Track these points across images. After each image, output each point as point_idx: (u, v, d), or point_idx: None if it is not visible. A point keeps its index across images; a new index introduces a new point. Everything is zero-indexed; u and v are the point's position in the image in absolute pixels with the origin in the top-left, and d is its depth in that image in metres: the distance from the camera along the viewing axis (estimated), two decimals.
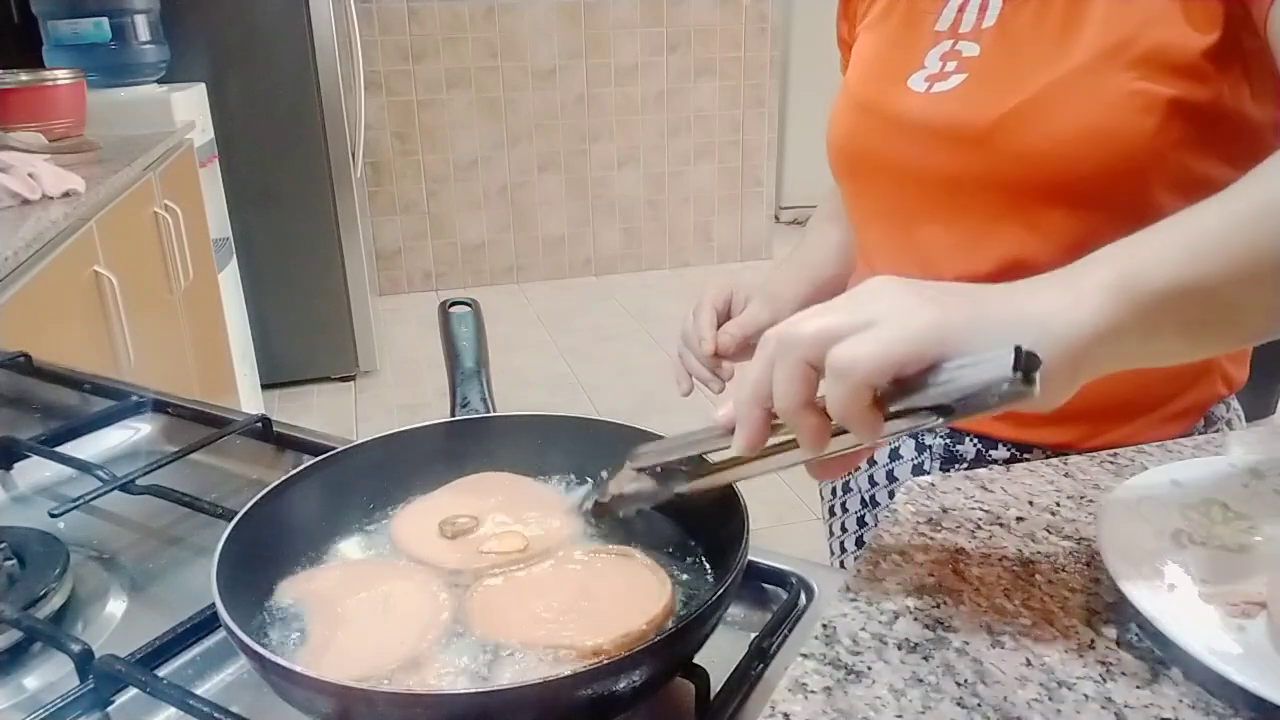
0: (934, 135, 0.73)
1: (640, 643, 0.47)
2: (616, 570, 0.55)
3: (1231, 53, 0.64)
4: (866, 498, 0.90)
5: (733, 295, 0.92)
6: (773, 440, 0.47)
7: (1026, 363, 0.39)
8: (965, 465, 0.81)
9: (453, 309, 0.76)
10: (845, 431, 0.44)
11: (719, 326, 0.89)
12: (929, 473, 0.83)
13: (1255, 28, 0.63)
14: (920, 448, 0.83)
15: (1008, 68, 0.71)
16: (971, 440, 0.80)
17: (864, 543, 0.92)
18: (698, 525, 0.59)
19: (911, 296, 0.44)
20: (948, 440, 0.81)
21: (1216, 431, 0.80)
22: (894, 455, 0.86)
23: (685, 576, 0.56)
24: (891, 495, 0.87)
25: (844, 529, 0.95)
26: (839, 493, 0.95)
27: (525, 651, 0.49)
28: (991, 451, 0.80)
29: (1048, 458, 0.77)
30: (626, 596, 0.53)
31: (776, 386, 0.44)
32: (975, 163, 0.70)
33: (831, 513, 0.97)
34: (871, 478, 0.89)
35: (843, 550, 0.95)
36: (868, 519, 0.90)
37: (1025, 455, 0.78)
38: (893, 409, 0.43)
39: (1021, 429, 0.78)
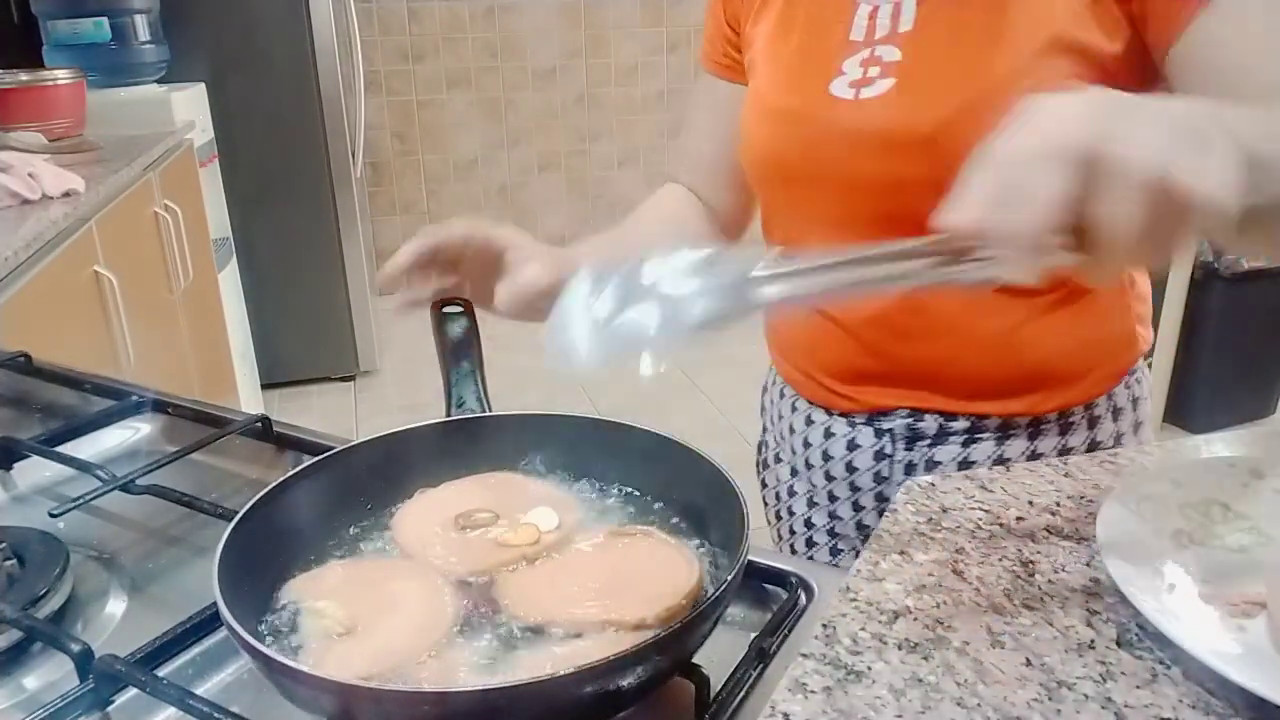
0: (870, 141, 0.74)
1: (679, 616, 0.48)
2: (641, 549, 0.56)
3: (1146, 59, 0.68)
4: (825, 492, 0.92)
5: (501, 251, 0.77)
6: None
7: None
8: (927, 442, 0.83)
9: (445, 310, 0.76)
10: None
11: (502, 283, 0.76)
12: (891, 455, 0.85)
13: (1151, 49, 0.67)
14: (879, 433, 0.85)
15: (938, 70, 0.72)
16: (933, 417, 0.83)
17: (837, 534, 0.93)
18: (697, 525, 0.59)
19: (1190, 123, 0.42)
20: (909, 419, 0.84)
21: (1134, 396, 0.85)
22: (851, 446, 0.87)
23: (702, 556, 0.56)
24: (853, 488, 0.88)
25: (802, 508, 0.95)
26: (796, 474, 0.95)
27: (568, 631, 0.50)
28: (951, 423, 0.82)
29: (1001, 426, 0.81)
30: (658, 572, 0.53)
31: (1115, 218, 0.41)
32: (918, 167, 0.70)
33: (777, 498, 0.98)
34: (828, 473, 0.90)
35: (808, 527, 0.95)
36: (839, 512, 0.91)
37: (983, 421, 0.82)
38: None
39: (977, 402, 0.82)
